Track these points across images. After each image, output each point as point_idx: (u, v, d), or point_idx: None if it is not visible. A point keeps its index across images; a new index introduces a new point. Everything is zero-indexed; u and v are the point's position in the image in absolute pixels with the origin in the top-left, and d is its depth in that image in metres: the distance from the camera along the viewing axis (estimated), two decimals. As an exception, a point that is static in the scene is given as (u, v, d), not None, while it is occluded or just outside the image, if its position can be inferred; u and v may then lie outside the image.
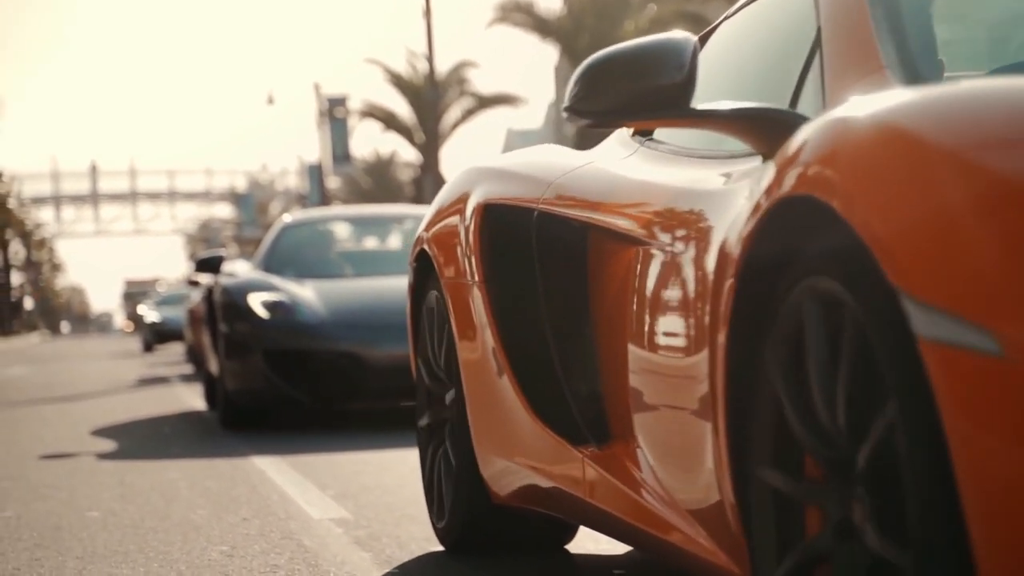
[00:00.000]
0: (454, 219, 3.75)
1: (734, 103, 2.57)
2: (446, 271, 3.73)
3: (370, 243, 10.60)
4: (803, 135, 2.01)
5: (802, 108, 2.67)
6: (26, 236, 71.84)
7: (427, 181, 35.18)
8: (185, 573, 3.84)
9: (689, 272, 2.55)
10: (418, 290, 4.09)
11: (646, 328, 2.77)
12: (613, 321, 3.01)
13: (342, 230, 10.57)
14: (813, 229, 2.00)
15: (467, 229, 3.62)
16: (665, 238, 2.74)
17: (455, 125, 42.99)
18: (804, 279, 2.04)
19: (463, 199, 3.73)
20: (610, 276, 3.06)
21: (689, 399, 2.48)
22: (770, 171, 2.10)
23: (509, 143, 77.20)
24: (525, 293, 3.37)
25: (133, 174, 79.18)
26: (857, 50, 2.53)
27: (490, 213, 3.57)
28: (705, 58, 2.61)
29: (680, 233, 2.68)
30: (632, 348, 2.84)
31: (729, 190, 2.52)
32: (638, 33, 28.92)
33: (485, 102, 43.29)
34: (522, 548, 3.86)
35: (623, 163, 3.27)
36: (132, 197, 79.42)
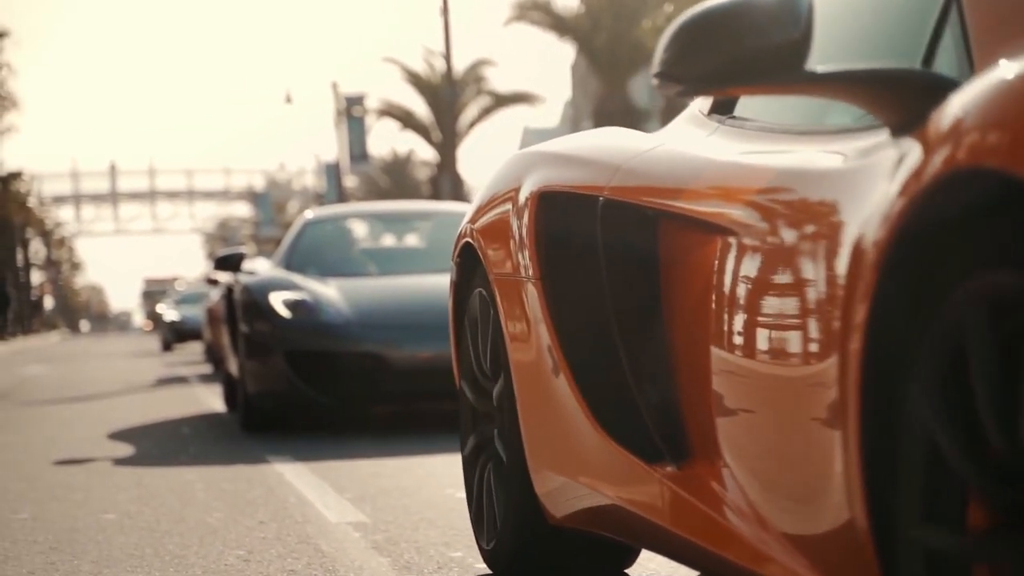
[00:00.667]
0: (505, 209, 3.33)
1: (862, 64, 2.18)
2: (496, 267, 3.33)
3: (394, 241, 10.26)
4: (961, 100, 1.70)
5: (938, 69, 2.25)
6: (46, 235, 72.12)
7: (444, 180, 35.17)
8: (201, 578, 3.79)
9: (803, 266, 2.16)
10: (461, 288, 3.68)
11: (739, 330, 2.38)
12: (692, 321, 2.62)
13: (366, 227, 10.25)
14: (983, 211, 1.68)
15: (521, 220, 3.22)
16: (765, 227, 2.35)
17: (472, 124, 42.99)
18: (973, 273, 1.70)
19: (515, 187, 3.32)
20: (689, 271, 2.66)
21: (803, 413, 2.10)
22: (917, 145, 1.79)
23: (525, 142, 77.30)
24: (587, 290, 2.98)
25: (152, 173, 79.39)
26: None
27: (547, 202, 3.15)
28: None
29: (787, 222, 2.29)
30: (718, 353, 2.46)
31: (851, 170, 2.13)
32: (656, 31, 28.79)
33: (502, 100, 43.28)
34: (579, 572, 3.47)
35: (704, 143, 2.86)
36: (151, 196, 79.63)
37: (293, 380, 8.06)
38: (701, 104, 3.12)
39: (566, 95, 70.11)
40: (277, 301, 8.30)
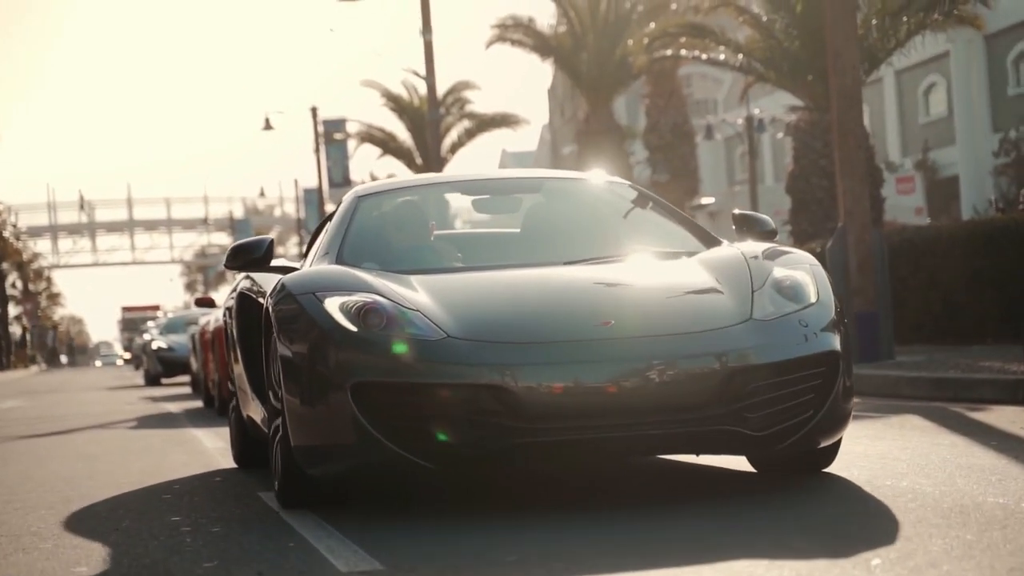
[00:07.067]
0: None
1: None
2: None
3: (488, 221, 7.41)
4: None
5: None
6: (23, 267, 71.29)
7: (429, 203, 34.54)
8: (191, 650, 3.13)
9: None
10: None
11: None
12: None
13: (440, 204, 7.30)
14: None
15: None
16: None
17: (455, 147, 42.42)
18: None
19: None
20: None
21: None
22: None
23: (503, 164, 77.11)
24: None
25: (130, 203, 78.77)
26: None
27: None
28: None
29: None
30: None
31: None
32: (640, 49, 28.27)
33: (485, 123, 42.72)
34: None
35: None
36: (129, 226, 78.89)
37: (364, 429, 5.02)
38: None
39: (544, 118, 69.90)
40: (335, 307, 5.28)
